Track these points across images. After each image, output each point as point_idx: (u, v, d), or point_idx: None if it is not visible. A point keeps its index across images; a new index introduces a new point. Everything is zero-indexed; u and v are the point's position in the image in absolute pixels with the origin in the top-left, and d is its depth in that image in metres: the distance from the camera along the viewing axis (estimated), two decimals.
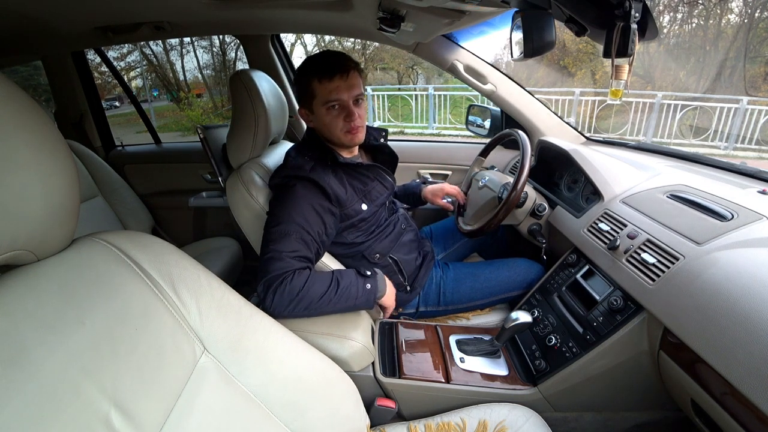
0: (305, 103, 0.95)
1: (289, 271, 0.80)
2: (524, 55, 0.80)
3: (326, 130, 0.95)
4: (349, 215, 0.96)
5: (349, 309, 0.88)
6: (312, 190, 0.90)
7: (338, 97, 0.89)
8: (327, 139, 0.98)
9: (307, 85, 0.91)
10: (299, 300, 0.79)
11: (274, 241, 0.83)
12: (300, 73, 0.93)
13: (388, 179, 1.09)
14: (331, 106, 0.91)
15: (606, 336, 0.81)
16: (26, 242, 0.39)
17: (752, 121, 5.44)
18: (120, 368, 0.43)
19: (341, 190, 0.94)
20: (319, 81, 0.89)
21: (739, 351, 0.55)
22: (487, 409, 0.81)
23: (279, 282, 0.79)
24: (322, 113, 0.92)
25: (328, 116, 0.92)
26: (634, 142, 1.49)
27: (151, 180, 1.97)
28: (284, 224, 0.85)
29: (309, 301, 0.80)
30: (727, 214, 0.78)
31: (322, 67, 0.89)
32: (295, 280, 0.79)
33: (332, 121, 0.92)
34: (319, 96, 0.90)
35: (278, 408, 0.60)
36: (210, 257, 1.64)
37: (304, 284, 0.80)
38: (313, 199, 0.89)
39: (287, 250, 0.82)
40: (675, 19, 8.91)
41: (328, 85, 0.89)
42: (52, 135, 0.41)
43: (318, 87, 0.89)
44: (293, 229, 0.84)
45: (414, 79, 11.07)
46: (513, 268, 1.16)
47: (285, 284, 0.79)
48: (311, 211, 0.88)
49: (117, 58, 10.18)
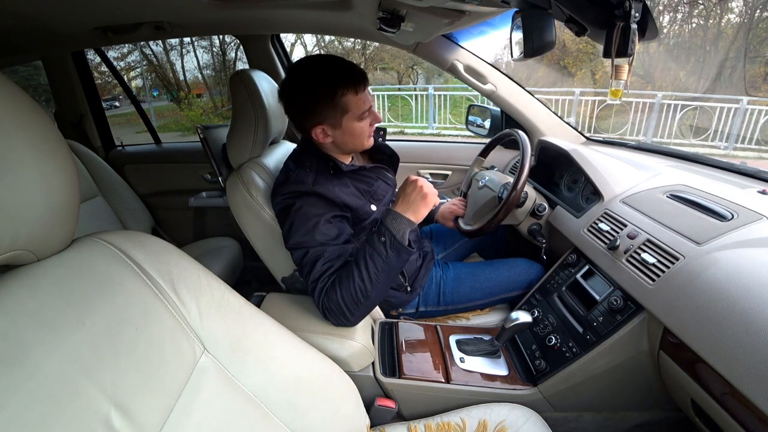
0: (327, 118, 0.86)
1: (324, 292, 0.81)
2: (524, 55, 0.80)
3: (353, 140, 0.91)
4: (360, 218, 0.94)
5: (397, 269, 0.82)
6: (319, 204, 0.86)
7: (368, 101, 0.87)
8: (344, 151, 0.95)
9: (339, 99, 0.83)
10: (347, 305, 0.80)
11: (309, 272, 0.83)
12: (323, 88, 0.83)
13: (389, 176, 1.09)
14: (364, 116, 0.88)
15: (606, 336, 0.81)
16: (26, 242, 0.39)
17: (752, 121, 5.44)
18: (120, 368, 0.43)
19: (348, 197, 0.91)
20: (355, 93, 0.84)
21: (739, 351, 0.55)
22: (487, 409, 0.81)
23: (323, 306, 0.81)
24: (352, 126, 0.87)
25: (360, 126, 0.88)
26: (634, 142, 1.49)
27: (151, 180, 1.97)
28: (310, 250, 0.83)
29: (354, 299, 0.79)
30: (727, 214, 0.78)
31: (355, 78, 0.83)
32: (331, 294, 0.80)
33: (363, 130, 0.89)
34: (354, 108, 0.85)
35: (278, 408, 0.60)
36: (210, 257, 1.64)
37: (339, 292, 0.80)
38: (324, 212, 0.86)
39: (320, 275, 0.82)
40: (675, 19, 8.92)
41: (363, 95, 0.85)
42: (52, 135, 0.41)
43: (353, 99, 0.84)
44: (319, 252, 0.83)
45: (414, 79, 11.07)
46: (513, 268, 1.16)
47: (327, 305, 0.81)
48: (326, 224, 0.85)
49: (117, 58, 10.18)
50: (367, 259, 0.79)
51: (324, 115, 0.86)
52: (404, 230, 0.80)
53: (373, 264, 0.79)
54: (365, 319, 0.95)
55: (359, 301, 0.80)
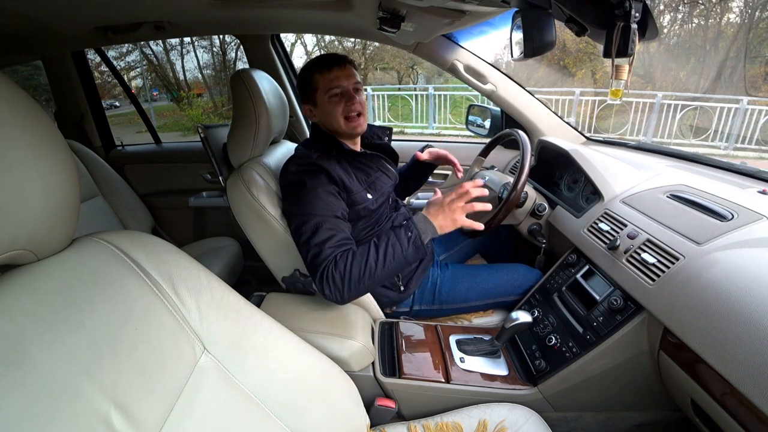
0: (308, 98, 1.00)
1: (331, 259, 0.83)
2: (524, 55, 0.80)
3: (329, 119, 0.98)
4: (355, 201, 0.97)
5: (407, 264, 0.87)
6: (320, 177, 0.92)
7: (338, 83, 0.95)
8: (331, 130, 1.01)
9: (310, 79, 0.97)
10: (350, 279, 0.82)
11: (310, 237, 0.86)
12: (302, 72, 1.00)
13: (391, 170, 1.10)
14: (333, 94, 0.96)
15: (606, 336, 0.81)
16: (26, 242, 0.39)
17: (752, 121, 5.44)
18: (120, 368, 0.43)
19: (347, 178, 0.96)
20: (320, 72, 0.96)
21: (739, 351, 0.55)
22: (487, 409, 0.81)
23: (327, 272, 0.82)
24: (324, 103, 0.97)
25: (330, 104, 0.96)
26: (634, 142, 1.49)
27: (151, 180, 1.97)
28: (312, 218, 0.87)
29: (360, 276, 0.82)
30: (727, 214, 0.78)
31: (322, 62, 0.97)
32: (339, 264, 0.82)
33: (334, 109, 0.96)
34: (321, 86, 0.96)
35: (278, 408, 0.60)
36: (210, 257, 1.64)
37: (349, 264, 0.82)
38: (325, 184, 0.91)
39: (324, 240, 0.85)
40: (675, 19, 8.92)
41: (328, 74, 0.95)
42: (52, 135, 0.41)
43: (319, 78, 0.96)
44: (321, 220, 0.87)
45: (414, 79, 11.08)
46: (511, 273, 1.15)
47: (331, 272, 0.82)
48: (328, 195, 0.91)
49: (117, 57, 10.18)
50: (388, 245, 0.84)
51: (306, 95, 1.01)
52: (428, 235, 0.86)
53: (392, 251, 0.84)
54: (365, 319, 0.95)
55: (362, 280, 0.82)
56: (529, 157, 1.04)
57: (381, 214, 1.05)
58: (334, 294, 0.83)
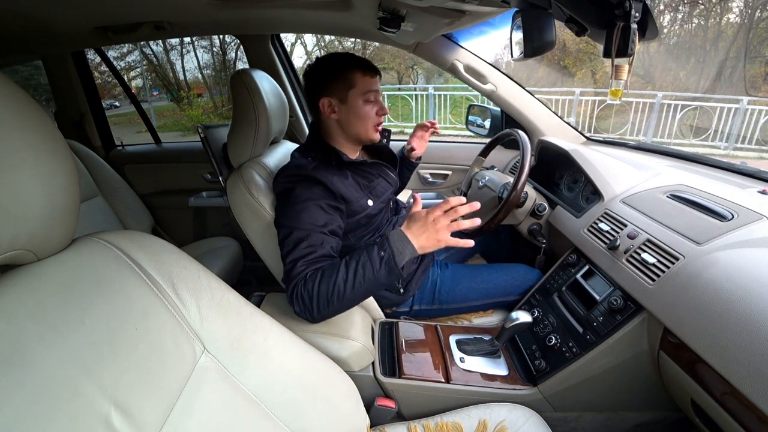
0: (335, 91, 0.93)
1: (301, 277, 0.80)
2: (524, 55, 0.80)
3: (357, 120, 0.95)
4: (355, 211, 0.95)
5: (380, 286, 0.79)
6: (314, 190, 0.88)
7: (377, 89, 0.95)
8: (349, 132, 0.98)
9: (346, 74, 0.92)
10: (318, 299, 0.77)
11: (290, 251, 0.83)
12: (337, 63, 0.94)
13: (391, 175, 1.09)
14: (369, 99, 0.95)
15: (606, 336, 0.81)
16: (26, 242, 0.39)
17: (752, 121, 5.44)
18: (120, 368, 0.43)
19: (345, 188, 0.93)
20: (363, 72, 0.93)
21: (740, 351, 0.55)
22: (487, 409, 0.81)
23: (296, 290, 0.79)
24: (358, 104, 0.94)
25: (365, 107, 0.95)
26: (634, 142, 1.49)
27: (151, 180, 1.97)
28: (295, 231, 0.84)
29: (328, 297, 0.77)
30: (727, 214, 0.78)
31: (364, 64, 0.94)
32: (308, 283, 0.78)
33: (368, 113, 0.95)
34: (359, 86, 0.93)
35: (278, 407, 0.60)
36: (210, 257, 1.64)
37: (317, 283, 0.78)
38: (318, 198, 0.88)
39: (300, 257, 0.82)
40: (675, 19, 8.92)
41: (371, 79, 0.94)
42: (52, 135, 0.41)
43: (360, 78, 0.93)
44: (303, 234, 0.83)
45: (414, 79, 11.07)
46: (511, 273, 1.15)
47: (300, 290, 0.79)
48: (318, 209, 0.87)
49: (117, 57, 10.18)
50: (358, 265, 0.77)
51: (332, 87, 0.93)
52: (404, 257, 0.77)
53: (362, 271, 0.77)
54: (365, 319, 0.95)
55: (331, 301, 0.77)
56: (529, 157, 1.04)
57: (381, 219, 1.05)
58: (303, 313, 0.79)
